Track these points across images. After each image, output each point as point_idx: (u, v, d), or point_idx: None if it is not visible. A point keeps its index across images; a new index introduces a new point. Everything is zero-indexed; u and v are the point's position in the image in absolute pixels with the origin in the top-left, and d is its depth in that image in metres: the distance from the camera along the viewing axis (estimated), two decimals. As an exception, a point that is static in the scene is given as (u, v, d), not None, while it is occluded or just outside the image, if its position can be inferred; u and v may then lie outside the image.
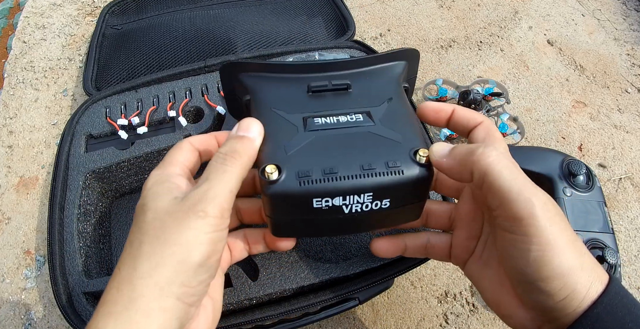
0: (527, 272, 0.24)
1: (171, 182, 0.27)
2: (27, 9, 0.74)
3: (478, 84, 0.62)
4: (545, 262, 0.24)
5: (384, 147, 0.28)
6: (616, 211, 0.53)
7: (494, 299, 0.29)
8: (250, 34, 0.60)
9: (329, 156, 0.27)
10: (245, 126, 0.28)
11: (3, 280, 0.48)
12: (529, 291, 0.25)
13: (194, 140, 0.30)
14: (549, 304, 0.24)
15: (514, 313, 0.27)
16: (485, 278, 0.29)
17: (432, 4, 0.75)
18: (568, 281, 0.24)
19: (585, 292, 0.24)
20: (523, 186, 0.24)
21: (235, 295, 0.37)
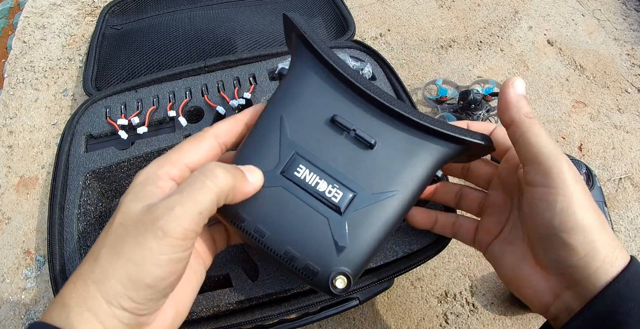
0: (553, 224, 0.26)
1: (157, 187, 0.25)
2: (27, 9, 0.74)
3: (478, 84, 0.62)
4: (570, 213, 0.25)
5: (322, 248, 0.26)
6: (616, 211, 0.53)
7: (513, 273, 0.30)
8: (250, 34, 0.60)
9: (278, 220, 0.27)
10: (250, 168, 0.27)
11: (3, 280, 0.48)
12: (552, 247, 0.26)
13: (220, 131, 0.28)
14: (570, 261, 0.26)
15: (533, 282, 0.28)
16: (507, 254, 0.31)
17: (432, 4, 0.75)
18: (589, 237, 0.25)
19: (605, 253, 0.25)
20: (556, 148, 0.27)
21: (235, 295, 0.37)
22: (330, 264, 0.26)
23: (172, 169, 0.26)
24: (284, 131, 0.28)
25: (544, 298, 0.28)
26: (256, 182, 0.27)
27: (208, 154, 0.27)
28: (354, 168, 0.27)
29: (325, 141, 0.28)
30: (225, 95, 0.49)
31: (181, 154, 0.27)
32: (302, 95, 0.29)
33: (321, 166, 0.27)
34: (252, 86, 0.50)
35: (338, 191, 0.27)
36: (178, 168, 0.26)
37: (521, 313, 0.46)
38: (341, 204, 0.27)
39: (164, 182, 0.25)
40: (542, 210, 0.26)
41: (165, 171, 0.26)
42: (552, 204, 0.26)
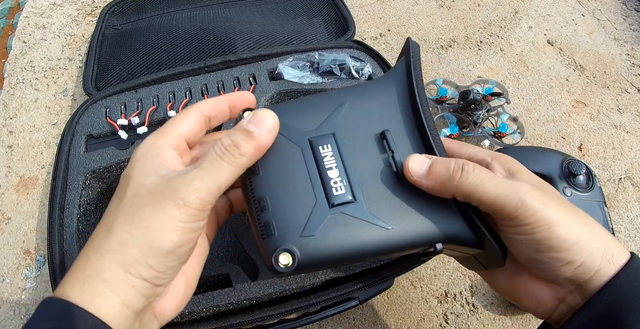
0: (539, 249, 0.25)
1: (161, 158, 0.26)
2: (27, 9, 0.74)
3: (478, 84, 0.62)
4: (553, 236, 0.25)
5: (294, 221, 0.26)
6: (616, 211, 0.53)
7: (509, 285, 0.29)
8: (250, 34, 0.60)
9: (276, 171, 0.27)
10: (259, 119, 0.26)
11: (3, 280, 0.48)
12: (547, 267, 0.26)
13: (204, 106, 0.29)
14: (568, 272, 0.25)
15: (533, 292, 0.28)
16: (499, 270, 0.30)
17: (432, 4, 0.75)
18: (581, 247, 0.25)
19: (602, 254, 0.25)
20: (506, 188, 0.25)
21: (235, 295, 0.37)
22: (289, 237, 0.26)
23: (168, 140, 0.27)
24: (338, 112, 0.29)
25: (548, 305, 0.27)
26: (271, 132, 0.26)
27: (196, 124, 0.28)
28: (369, 182, 0.27)
29: (364, 146, 0.28)
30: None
31: (173, 126, 0.27)
32: (373, 97, 0.29)
33: (344, 159, 0.28)
34: (252, 86, 0.50)
35: (342, 187, 0.27)
36: (174, 138, 0.27)
37: (521, 313, 0.46)
38: (336, 199, 0.26)
39: (166, 153, 0.26)
40: (524, 242, 0.26)
41: (162, 143, 0.26)
42: (531, 236, 0.25)
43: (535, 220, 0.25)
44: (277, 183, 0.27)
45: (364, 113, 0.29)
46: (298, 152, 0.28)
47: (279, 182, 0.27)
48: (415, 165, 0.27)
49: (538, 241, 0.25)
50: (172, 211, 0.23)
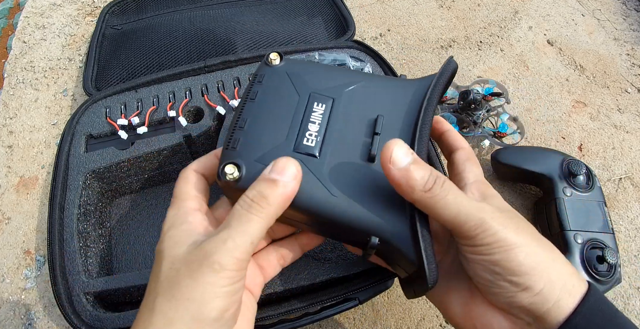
0: (496, 271, 0.25)
1: (189, 223, 0.26)
2: (27, 9, 0.74)
3: (478, 84, 0.62)
4: (512, 258, 0.24)
5: (258, 145, 0.29)
6: (616, 211, 0.53)
7: (464, 312, 0.28)
8: (250, 34, 0.60)
9: (266, 101, 0.31)
10: (281, 167, 0.25)
11: (3, 280, 0.48)
12: (504, 292, 0.25)
13: (197, 166, 0.29)
14: (526, 300, 0.24)
15: (489, 323, 0.27)
16: (453, 290, 0.29)
17: (432, 4, 0.75)
18: (542, 272, 0.24)
19: (562, 284, 0.24)
20: (468, 207, 0.25)
21: (235, 295, 0.37)
22: (245, 156, 0.28)
23: (189, 203, 0.27)
24: (348, 86, 0.31)
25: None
26: (294, 177, 0.25)
27: (201, 182, 0.29)
28: (340, 151, 0.28)
29: (353, 121, 0.30)
30: (225, 95, 0.49)
31: (184, 191, 0.28)
32: (388, 89, 0.31)
33: (330, 122, 0.29)
34: (252, 86, 0.50)
35: (313, 141, 0.28)
36: (193, 200, 0.27)
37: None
38: (302, 147, 0.28)
39: (193, 217, 0.26)
40: (480, 263, 0.25)
41: (185, 208, 0.27)
42: (488, 257, 0.25)
43: (494, 241, 0.24)
44: (263, 114, 0.29)
45: (371, 97, 0.31)
46: (295, 99, 0.30)
47: (265, 113, 0.29)
48: (400, 154, 0.26)
49: (495, 262, 0.24)
50: (210, 277, 0.23)
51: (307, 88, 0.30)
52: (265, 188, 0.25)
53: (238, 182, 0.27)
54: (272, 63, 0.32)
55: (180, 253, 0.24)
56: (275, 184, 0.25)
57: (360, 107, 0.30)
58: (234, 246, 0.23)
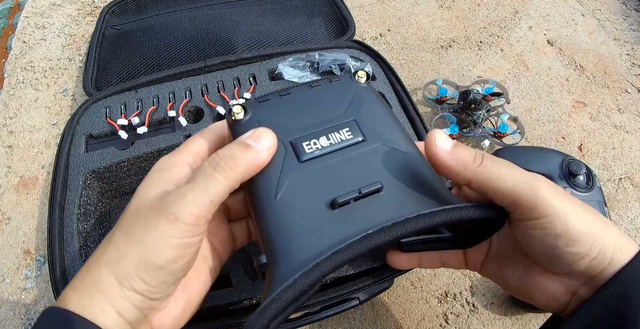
0: (557, 244, 0.25)
1: (171, 173, 0.26)
2: (27, 9, 0.74)
3: (478, 84, 0.62)
4: (571, 228, 0.24)
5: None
6: (616, 211, 0.53)
7: (521, 284, 0.29)
8: (250, 34, 0.60)
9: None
10: (258, 135, 0.26)
11: (3, 280, 0.48)
12: (563, 262, 0.25)
13: (217, 126, 0.29)
14: (584, 265, 0.25)
15: (546, 288, 0.27)
16: (508, 268, 0.30)
17: (432, 4, 0.75)
18: (596, 238, 0.25)
19: (614, 244, 0.25)
20: (523, 178, 0.25)
21: (235, 295, 0.37)
22: (258, 112, 0.30)
23: (184, 157, 0.28)
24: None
25: (562, 299, 0.27)
26: (269, 147, 0.26)
27: (212, 143, 0.29)
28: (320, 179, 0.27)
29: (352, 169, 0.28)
30: (225, 95, 0.49)
31: (189, 145, 0.28)
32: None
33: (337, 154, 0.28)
34: (252, 86, 0.50)
35: (312, 150, 0.28)
36: (190, 155, 0.28)
37: (521, 313, 0.46)
38: (299, 146, 0.28)
39: (180, 168, 0.27)
40: (541, 237, 0.25)
41: (178, 159, 0.27)
42: (550, 230, 0.25)
43: (553, 212, 0.24)
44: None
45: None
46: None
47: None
48: (443, 140, 0.26)
49: (557, 235, 0.25)
50: (163, 226, 0.23)
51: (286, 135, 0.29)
52: (237, 150, 0.25)
53: (238, 122, 0.28)
54: (237, 117, 0.29)
55: (148, 198, 0.25)
56: (248, 148, 0.25)
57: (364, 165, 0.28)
58: (192, 201, 0.23)
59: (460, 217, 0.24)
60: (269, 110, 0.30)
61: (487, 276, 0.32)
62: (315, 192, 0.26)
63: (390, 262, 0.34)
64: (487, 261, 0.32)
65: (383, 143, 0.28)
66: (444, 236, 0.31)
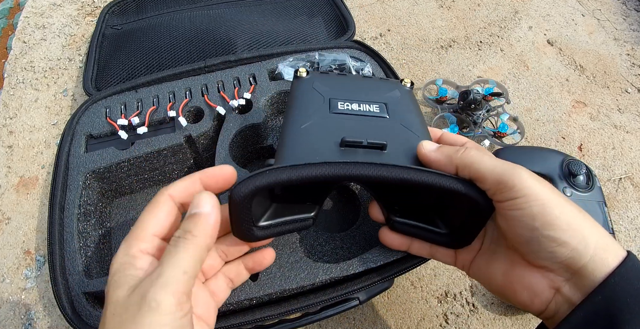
0: (534, 226, 0.26)
1: (135, 268, 0.25)
2: (27, 9, 0.74)
3: (478, 84, 0.62)
4: (548, 212, 0.26)
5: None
6: (616, 211, 0.53)
7: (505, 280, 0.30)
8: (250, 34, 0.60)
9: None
10: (197, 202, 0.26)
11: (3, 280, 0.48)
12: (542, 246, 0.26)
13: (175, 191, 0.28)
14: (564, 254, 0.26)
15: (529, 282, 0.28)
16: (494, 263, 0.31)
17: (432, 4, 0.75)
18: (574, 227, 0.26)
19: (596, 240, 0.25)
20: (504, 164, 0.27)
21: (235, 295, 0.37)
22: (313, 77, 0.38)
23: (142, 244, 0.26)
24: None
25: (544, 296, 0.28)
26: (213, 207, 0.26)
27: (168, 219, 0.27)
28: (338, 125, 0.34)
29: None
30: (225, 95, 0.49)
31: (144, 227, 0.27)
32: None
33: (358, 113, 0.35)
34: (252, 86, 0.50)
35: (344, 106, 0.35)
36: (147, 241, 0.26)
37: (521, 313, 0.46)
38: (334, 104, 0.35)
39: (142, 261, 0.25)
40: (519, 217, 0.27)
41: (137, 249, 0.26)
42: (527, 210, 0.26)
43: (530, 193, 0.26)
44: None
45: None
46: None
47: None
48: (428, 144, 0.31)
49: (533, 216, 0.26)
50: (149, 317, 0.22)
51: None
52: (187, 223, 0.26)
53: (300, 78, 0.37)
54: (301, 74, 0.38)
55: (120, 298, 0.24)
56: (196, 217, 0.26)
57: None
58: (166, 280, 0.23)
59: (444, 185, 0.28)
60: (325, 79, 0.38)
61: (474, 276, 0.33)
62: (332, 132, 0.32)
63: (382, 238, 0.35)
64: (476, 259, 0.32)
65: (402, 124, 0.34)
66: (437, 230, 0.33)
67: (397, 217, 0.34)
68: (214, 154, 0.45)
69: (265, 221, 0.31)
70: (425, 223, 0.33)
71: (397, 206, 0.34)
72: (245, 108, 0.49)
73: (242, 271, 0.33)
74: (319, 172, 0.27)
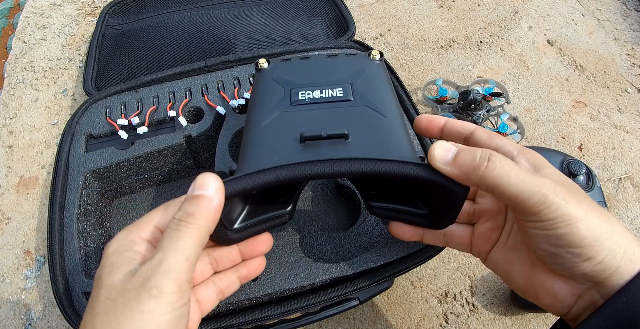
0: (559, 244, 0.25)
1: (133, 251, 0.24)
2: (27, 9, 0.74)
3: (478, 84, 0.62)
4: (575, 232, 0.24)
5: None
6: (616, 211, 0.53)
7: (526, 281, 0.29)
8: (250, 34, 0.60)
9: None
10: (201, 183, 0.25)
11: (3, 280, 0.48)
12: (566, 262, 0.25)
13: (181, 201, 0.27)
14: (588, 269, 0.25)
15: (551, 288, 0.27)
16: (514, 261, 0.29)
17: (432, 4, 0.75)
18: (602, 244, 0.24)
19: (623, 251, 0.24)
20: (530, 182, 0.25)
21: (235, 295, 0.37)
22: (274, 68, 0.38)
23: (143, 233, 0.26)
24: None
25: (566, 301, 0.27)
26: (218, 189, 0.25)
27: (171, 214, 0.27)
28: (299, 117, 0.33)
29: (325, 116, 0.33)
30: (225, 95, 0.49)
31: (149, 219, 0.26)
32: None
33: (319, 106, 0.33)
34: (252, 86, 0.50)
35: (304, 97, 0.33)
36: (148, 230, 0.26)
37: (521, 313, 0.46)
38: (295, 95, 0.34)
39: (140, 246, 0.25)
40: (543, 237, 0.25)
41: (137, 235, 0.25)
42: (553, 231, 0.25)
43: (557, 216, 0.24)
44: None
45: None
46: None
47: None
48: (441, 152, 0.26)
49: (558, 237, 0.25)
50: (149, 305, 0.21)
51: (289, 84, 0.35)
52: (190, 205, 0.25)
53: (261, 70, 0.36)
54: (262, 66, 0.37)
55: (116, 282, 0.23)
56: (199, 199, 0.25)
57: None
58: (169, 266, 0.22)
59: (408, 173, 0.26)
60: (286, 67, 0.36)
61: (492, 267, 0.32)
62: (292, 128, 0.31)
63: (393, 231, 0.34)
64: (494, 251, 0.31)
65: (368, 105, 0.32)
66: (418, 211, 0.32)
67: (375, 202, 0.33)
68: (214, 154, 0.45)
69: (240, 223, 0.30)
70: (405, 205, 0.32)
71: (374, 190, 0.33)
72: (245, 108, 0.49)
73: (234, 282, 0.32)
74: (274, 177, 0.26)
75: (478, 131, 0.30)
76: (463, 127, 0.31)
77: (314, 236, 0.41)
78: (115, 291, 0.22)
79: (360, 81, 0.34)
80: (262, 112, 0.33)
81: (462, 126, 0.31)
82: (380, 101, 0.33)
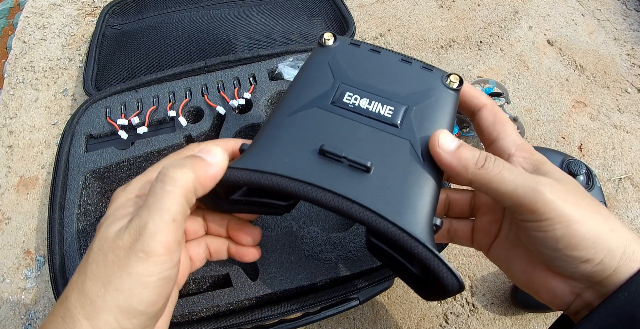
0: (558, 247, 0.25)
1: (138, 207, 0.24)
2: (27, 9, 0.74)
3: (478, 84, 0.62)
4: (574, 234, 0.24)
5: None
6: (616, 211, 0.53)
7: (526, 278, 0.29)
8: (250, 34, 0.60)
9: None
10: (209, 149, 0.25)
11: (3, 280, 0.48)
12: (565, 263, 0.25)
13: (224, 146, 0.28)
14: (587, 270, 0.25)
15: (551, 286, 0.27)
16: (514, 257, 0.30)
17: (432, 4, 0.75)
18: (601, 244, 0.24)
19: (622, 251, 0.24)
20: (525, 181, 0.25)
21: (235, 295, 0.37)
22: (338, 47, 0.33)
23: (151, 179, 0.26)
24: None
25: (566, 299, 0.27)
26: (219, 162, 0.25)
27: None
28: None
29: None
30: (225, 95, 0.49)
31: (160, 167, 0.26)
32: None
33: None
34: (252, 86, 0.50)
35: (351, 101, 0.29)
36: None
37: (521, 313, 0.46)
38: (339, 95, 0.29)
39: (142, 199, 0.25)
40: (542, 239, 0.25)
41: (146, 190, 0.25)
42: (551, 233, 0.24)
43: (554, 216, 0.24)
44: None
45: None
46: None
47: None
48: (446, 140, 0.27)
49: (557, 239, 0.24)
50: (137, 267, 0.22)
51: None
52: (186, 160, 0.24)
53: (325, 47, 0.31)
54: (326, 43, 0.32)
55: (110, 235, 0.23)
56: (197, 159, 0.24)
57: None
58: (155, 229, 0.22)
59: (409, 248, 0.24)
60: (350, 53, 0.31)
61: (494, 261, 0.32)
62: (319, 132, 0.28)
63: None
64: (495, 245, 0.31)
65: (410, 142, 0.28)
66: (410, 267, 0.30)
67: (375, 239, 0.31)
68: (214, 154, 0.45)
69: (237, 196, 0.29)
70: (401, 256, 0.30)
71: None
72: (245, 108, 0.49)
73: (223, 249, 0.31)
74: (276, 186, 0.25)
75: (485, 110, 0.31)
76: (479, 98, 0.31)
77: (314, 236, 0.41)
78: (107, 245, 0.23)
79: (419, 107, 0.29)
80: (300, 99, 0.29)
81: (477, 97, 0.31)
82: (427, 139, 0.28)
